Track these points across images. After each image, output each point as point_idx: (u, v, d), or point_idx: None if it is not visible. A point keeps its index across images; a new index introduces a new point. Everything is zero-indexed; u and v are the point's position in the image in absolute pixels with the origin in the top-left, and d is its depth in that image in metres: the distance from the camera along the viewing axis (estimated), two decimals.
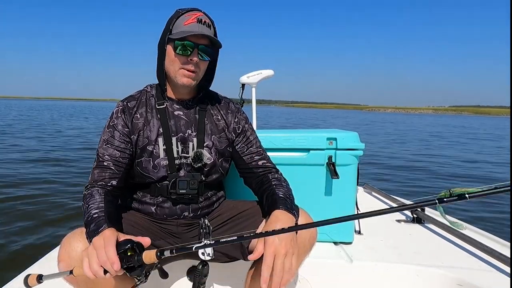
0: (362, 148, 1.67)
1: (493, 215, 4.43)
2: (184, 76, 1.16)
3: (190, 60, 1.14)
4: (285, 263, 0.95)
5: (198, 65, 1.16)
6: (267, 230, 0.96)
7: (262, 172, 1.26)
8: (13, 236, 3.14)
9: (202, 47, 1.14)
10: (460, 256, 1.63)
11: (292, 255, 0.97)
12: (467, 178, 7.20)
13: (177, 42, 1.12)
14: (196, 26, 1.12)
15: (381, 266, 1.53)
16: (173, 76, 1.17)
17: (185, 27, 1.12)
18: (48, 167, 6.41)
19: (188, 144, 1.21)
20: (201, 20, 1.13)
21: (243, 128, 1.30)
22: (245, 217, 1.23)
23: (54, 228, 3.38)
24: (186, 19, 1.13)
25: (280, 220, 1.02)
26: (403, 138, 17.09)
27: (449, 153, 11.31)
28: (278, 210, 1.06)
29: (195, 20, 1.13)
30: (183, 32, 1.11)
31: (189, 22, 1.12)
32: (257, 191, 1.24)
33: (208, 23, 1.15)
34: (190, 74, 1.16)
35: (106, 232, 0.91)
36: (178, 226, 1.23)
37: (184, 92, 1.24)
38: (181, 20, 1.14)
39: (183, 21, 1.13)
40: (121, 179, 1.16)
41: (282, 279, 0.94)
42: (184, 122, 1.22)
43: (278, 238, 0.96)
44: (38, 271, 1.36)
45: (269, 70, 2.17)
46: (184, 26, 1.12)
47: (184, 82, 1.16)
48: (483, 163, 9.33)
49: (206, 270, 1.21)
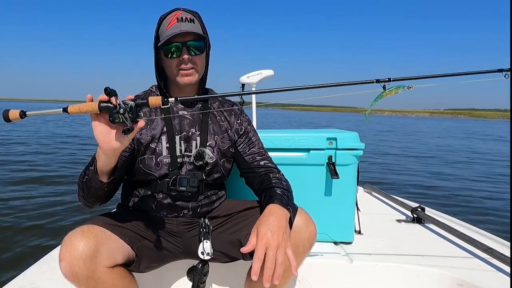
0: (362, 148, 1.67)
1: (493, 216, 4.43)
2: (183, 76, 1.19)
3: (182, 60, 1.16)
4: (277, 255, 0.94)
5: (193, 61, 1.18)
6: (260, 223, 0.98)
7: (263, 172, 1.26)
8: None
9: (191, 43, 1.16)
10: (460, 256, 1.63)
11: (285, 248, 0.96)
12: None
13: (165, 47, 1.16)
14: (178, 26, 1.14)
15: (381, 266, 1.53)
16: (174, 80, 1.21)
17: (168, 30, 1.15)
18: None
19: (191, 143, 1.22)
20: (182, 18, 1.15)
21: (246, 129, 1.31)
22: (245, 216, 1.23)
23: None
24: (167, 23, 1.16)
25: (274, 213, 1.02)
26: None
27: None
28: (273, 204, 1.06)
29: (176, 20, 1.15)
30: (166, 36, 1.14)
31: (170, 24, 1.15)
32: (258, 191, 1.25)
33: (189, 19, 1.17)
34: (188, 72, 1.18)
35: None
36: (178, 224, 1.23)
37: (188, 92, 1.25)
38: (164, 25, 1.17)
39: (166, 26, 1.16)
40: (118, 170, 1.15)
41: (274, 272, 0.92)
42: (188, 121, 1.24)
43: (270, 231, 0.96)
44: (38, 271, 1.37)
45: (269, 70, 2.17)
46: (167, 30, 1.15)
47: (185, 81, 1.19)
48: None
49: (206, 269, 1.21)
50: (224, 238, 1.22)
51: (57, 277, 0.97)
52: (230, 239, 1.21)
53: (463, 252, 1.67)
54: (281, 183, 1.19)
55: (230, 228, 1.23)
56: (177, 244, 1.25)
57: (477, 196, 5.55)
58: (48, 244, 2.92)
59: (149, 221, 1.22)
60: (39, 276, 1.32)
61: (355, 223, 1.79)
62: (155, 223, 1.23)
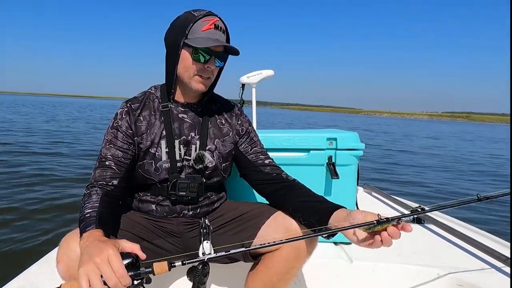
0: (362, 148, 1.67)
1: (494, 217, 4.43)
2: (199, 83, 1.16)
3: (207, 68, 1.14)
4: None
5: (212, 71, 1.16)
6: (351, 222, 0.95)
7: (270, 170, 1.25)
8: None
9: (219, 54, 1.14)
10: (460, 256, 1.63)
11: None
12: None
13: (199, 49, 1.11)
14: (214, 33, 1.11)
15: (381, 266, 1.53)
16: (187, 82, 1.17)
17: (203, 33, 1.11)
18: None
19: (191, 147, 1.22)
20: (218, 26, 1.13)
21: (247, 130, 1.31)
22: (246, 218, 1.23)
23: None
24: (203, 25, 1.11)
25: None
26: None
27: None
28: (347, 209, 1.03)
29: (213, 27, 1.11)
30: (202, 39, 1.10)
31: (206, 28, 1.11)
32: (266, 184, 1.22)
33: (223, 29, 1.15)
34: (205, 81, 1.16)
35: (94, 232, 0.89)
36: (178, 224, 1.23)
37: (194, 96, 1.24)
38: (198, 26, 1.11)
39: (201, 27, 1.11)
40: (123, 179, 1.16)
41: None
42: (188, 125, 1.23)
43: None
44: (37, 271, 1.37)
45: (269, 70, 2.17)
46: (202, 32, 1.11)
47: (199, 88, 1.17)
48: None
49: (206, 270, 1.21)
50: (225, 239, 1.22)
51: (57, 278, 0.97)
52: (231, 241, 1.20)
53: (463, 252, 1.67)
54: (303, 184, 1.20)
55: (232, 229, 1.23)
56: (177, 244, 1.25)
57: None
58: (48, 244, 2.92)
59: (149, 222, 1.22)
60: (39, 276, 1.33)
61: None
62: (155, 224, 1.23)
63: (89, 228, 0.92)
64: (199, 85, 1.16)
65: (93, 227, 0.92)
